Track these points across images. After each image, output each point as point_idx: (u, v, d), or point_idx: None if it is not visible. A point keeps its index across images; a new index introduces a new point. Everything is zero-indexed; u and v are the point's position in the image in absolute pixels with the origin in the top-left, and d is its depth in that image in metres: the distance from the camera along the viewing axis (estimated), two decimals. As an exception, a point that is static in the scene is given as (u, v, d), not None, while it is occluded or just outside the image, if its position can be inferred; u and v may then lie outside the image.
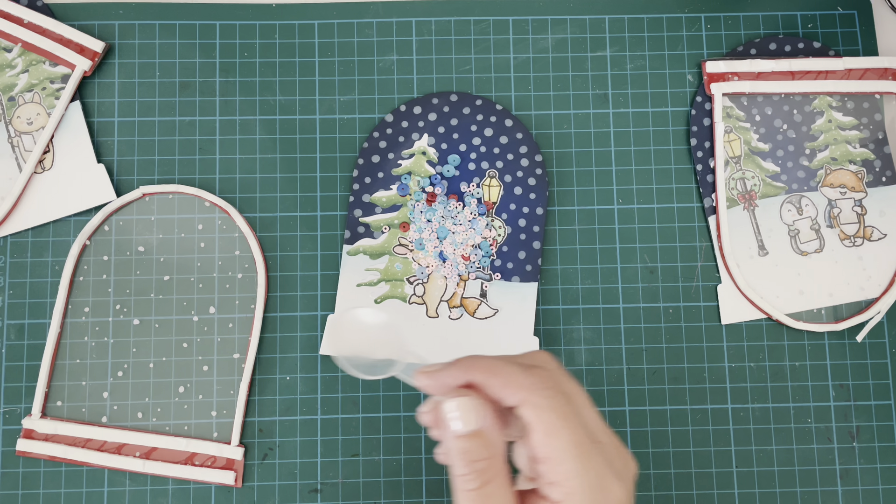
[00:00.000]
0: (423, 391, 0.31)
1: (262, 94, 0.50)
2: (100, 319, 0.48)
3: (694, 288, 0.49)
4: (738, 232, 0.50)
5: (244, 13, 0.51)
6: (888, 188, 0.51)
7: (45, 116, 0.49)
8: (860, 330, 0.49)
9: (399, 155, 0.50)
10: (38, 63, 0.50)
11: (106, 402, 0.47)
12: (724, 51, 0.52)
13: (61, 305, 0.47)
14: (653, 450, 0.47)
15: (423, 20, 0.52)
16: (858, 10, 0.53)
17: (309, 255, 0.49)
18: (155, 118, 0.50)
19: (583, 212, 0.50)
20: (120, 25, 0.51)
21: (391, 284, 0.48)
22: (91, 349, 0.47)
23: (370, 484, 0.47)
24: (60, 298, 0.47)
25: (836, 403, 0.48)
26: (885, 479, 0.48)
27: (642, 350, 0.49)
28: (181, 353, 0.47)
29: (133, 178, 0.49)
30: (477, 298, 0.48)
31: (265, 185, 0.49)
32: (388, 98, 0.51)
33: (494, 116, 0.50)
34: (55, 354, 0.47)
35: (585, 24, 0.52)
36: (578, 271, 0.49)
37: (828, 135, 0.51)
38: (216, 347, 0.47)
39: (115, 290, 0.48)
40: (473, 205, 0.49)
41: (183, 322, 0.48)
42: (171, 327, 0.48)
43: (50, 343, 0.47)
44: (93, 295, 0.48)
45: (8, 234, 0.48)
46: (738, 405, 0.48)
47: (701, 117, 0.51)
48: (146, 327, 0.48)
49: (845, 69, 0.51)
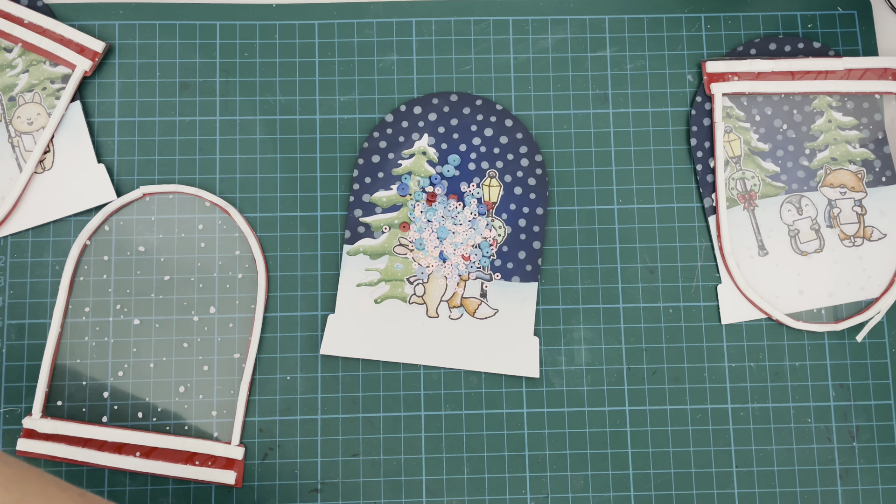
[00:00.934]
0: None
1: (262, 94, 0.50)
2: (100, 319, 0.48)
3: (694, 288, 0.49)
4: (738, 232, 0.50)
5: (244, 13, 0.51)
6: (888, 188, 0.51)
7: (46, 116, 0.49)
8: (860, 330, 0.49)
9: (399, 155, 0.50)
10: (38, 63, 0.50)
11: (106, 402, 0.47)
12: (724, 51, 0.52)
13: (62, 305, 0.47)
14: (653, 450, 0.47)
15: (423, 20, 0.52)
16: (858, 10, 0.53)
17: (309, 255, 0.49)
18: (155, 118, 0.50)
19: (583, 212, 0.50)
20: (120, 25, 0.51)
21: (391, 284, 0.48)
22: (91, 349, 0.47)
23: (370, 484, 0.47)
24: (61, 298, 0.47)
25: (836, 403, 0.48)
26: (884, 479, 0.48)
27: (642, 350, 0.49)
28: (181, 353, 0.47)
29: (133, 178, 0.49)
30: (477, 298, 0.48)
31: (265, 185, 0.50)
32: (388, 98, 0.51)
33: (494, 116, 0.50)
34: (55, 354, 0.47)
35: (585, 24, 0.52)
36: (578, 271, 0.49)
37: (828, 135, 0.51)
38: (216, 347, 0.48)
39: (115, 290, 0.48)
40: (473, 205, 0.49)
41: (183, 322, 0.48)
42: (171, 327, 0.48)
43: (50, 343, 0.47)
44: (93, 295, 0.48)
45: (8, 234, 0.48)
46: (738, 405, 0.48)
47: (701, 117, 0.51)
48: (146, 327, 0.48)
49: (845, 69, 0.51)
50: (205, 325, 0.48)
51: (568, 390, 0.48)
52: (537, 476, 0.47)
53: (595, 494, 0.47)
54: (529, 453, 0.47)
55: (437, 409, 0.48)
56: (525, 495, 0.47)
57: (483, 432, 0.47)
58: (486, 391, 0.48)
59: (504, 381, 0.48)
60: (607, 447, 0.47)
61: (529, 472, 0.47)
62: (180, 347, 0.47)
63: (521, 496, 0.47)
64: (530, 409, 0.48)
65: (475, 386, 0.48)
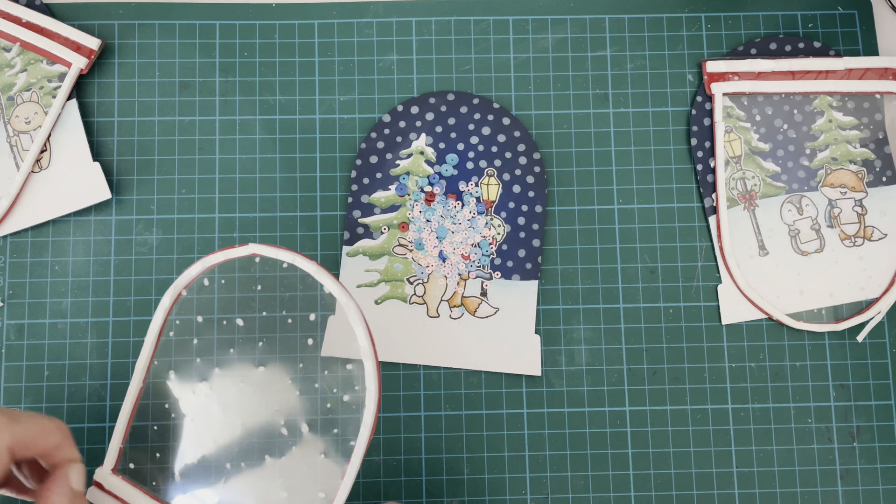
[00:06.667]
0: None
1: (261, 94, 0.50)
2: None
3: (694, 288, 0.49)
4: (739, 232, 0.50)
5: (244, 13, 0.51)
6: (888, 188, 0.51)
7: (43, 115, 0.49)
8: (861, 330, 0.49)
9: (397, 155, 0.50)
10: (36, 62, 0.50)
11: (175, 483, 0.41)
12: (725, 51, 0.52)
13: (146, 359, 0.40)
14: (653, 450, 0.47)
15: (423, 20, 0.52)
16: (859, 10, 0.53)
17: (309, 255, 0.49)
18: (155, 118, 0.50)
19: (583, 212, 0.50)
20: (120, 25, 0.51)
21: (391, 285, 0.48)
22: (169, 418, 0.41)
23: (370, 484, 0.47)
24: (145, 352, 0.40)
25: (837, 403, 0.48)
26: (885, 479, 0.47)
27: (643, 350, 0.48)
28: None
29: (133, 178, 0.49)
30: (477, 297, 0.48)
31: (265, 185, 0.49)
32: (388, 98, 0.51)
33: (492, 115, 0.50)
34: (133, 414, 0.40)
35: (585, 23, 0.52)
36: (578, 271, 0.49)
37: (828, 135, 0.51)
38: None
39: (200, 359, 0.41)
40: (472, 204, 0.49)
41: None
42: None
43: (128, 402, 0.40)
44: (175, 355, 0.41)
45: (7, 233, 0.48)
46: (738, 405, 0.48)
47: (701, 117, 0.51)
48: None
49: (845, 69, 0.51)
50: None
51: (568, 390, 0.48)
52: (537, 476, 0.47)
53: (595, 495, 0.47)
54: (529, 454, 0.47)
55: (436, 410, 0.47)
56: (525, 496, 0.47)
57: (483, 433, 0.47)
58: (486, 391, 0.48)
59: (504, 382, 0.48)
60: (607, 447, 0.47)
61: (529, 473, 0.47)
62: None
63: (522, 497, 0.47)
64: (530, 409, 0.48)
65: (475, 386, 0.48)
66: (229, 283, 0.41)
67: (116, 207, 0.49)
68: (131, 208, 0.49)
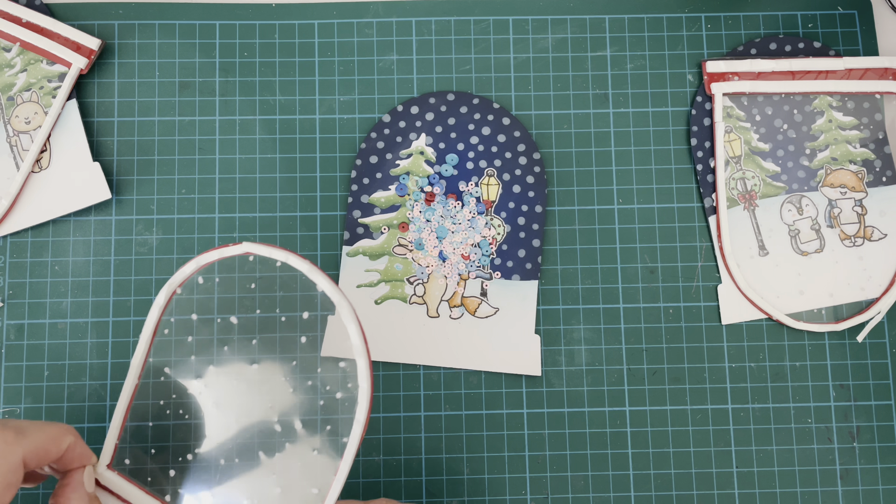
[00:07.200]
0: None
1: (261, 94, 0.50)
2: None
3: (694, 288, 0.49)
4: (739, 232, 0.50)
5: (244, 13, 0.51)
6: (888, 188, 0.51)
7: (43, 115, 0.49)
8: (861, 330, 0.49)
9: (397, 155, 0.50)
10: (36, 62, 0.50)
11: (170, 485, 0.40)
12: (725, 51, 0.52)
13: (140, 359, 0.40)
14: (653, 450, 0.47)
15: (423, 20, 0.52)
16: (858, 10, 0.53)
17: (309, 255, 0.49)
18: (154, 118, 0.50)
19: (583, 212, 0.50)
20: (120, 25, 0.51)
21: (391, 285, 0.48)
22: (164, 415, 0.40)
23: (370, 484, 0.47)
24: (140, 351, 0.40)
25: (837, 403, 0.48)
26: (885, 479, 0.47)
27: (642, 350, 0.48)
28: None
29: (133, 178, 0.49)
30: (477, 297, 0.48)
31: (265, 185, 0.49)
32: (388, 98, 0.51)
33: (492, 115, 0.50)
34: (128, 411, 0.40)
35: (585, 23, 0.52)
36: (578, 271, 0.49)
37: (828, 135, 0.51)
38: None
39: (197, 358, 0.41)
40: (472, 204, 0.49)
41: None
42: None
43: (123, 399, 0.40)
44: (175, 355, 0.40)
45: (7, 233, 0.48)
46: (738, 405, 0.48)
47: (701, 117, 0.51)
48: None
49: (845, 69, 0.51)
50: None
51: (568, 391, 0.48)
52: (537, 476, 0.47)
53: (595, 495, 0.47)
54: (529, 454, 0.47)
55: (436, 410, 0.47)
56: (525, 496, 0.47)
57: (483, 433, 0.47)
58: (486, 391, 0.48)
59: (504, 382, 0.48)
60: (607, 448, 0.47)
61: (529, 473, 0.47)
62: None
63: (522, 497, 0.47)
64: (530, 409, 0.48)
65: (475, 386, 0.48)
66: (223, 282, 0.41)
67: (116, 207, 0.49)
68: (131, 208, 0.49)
